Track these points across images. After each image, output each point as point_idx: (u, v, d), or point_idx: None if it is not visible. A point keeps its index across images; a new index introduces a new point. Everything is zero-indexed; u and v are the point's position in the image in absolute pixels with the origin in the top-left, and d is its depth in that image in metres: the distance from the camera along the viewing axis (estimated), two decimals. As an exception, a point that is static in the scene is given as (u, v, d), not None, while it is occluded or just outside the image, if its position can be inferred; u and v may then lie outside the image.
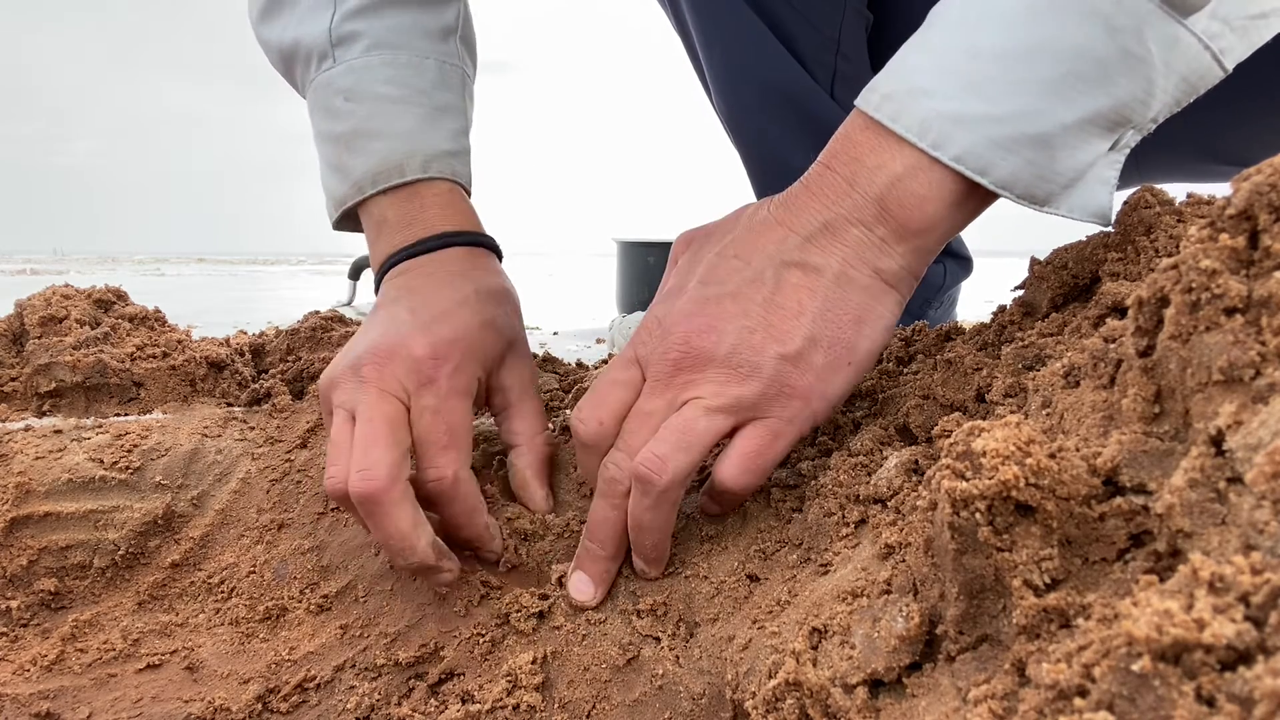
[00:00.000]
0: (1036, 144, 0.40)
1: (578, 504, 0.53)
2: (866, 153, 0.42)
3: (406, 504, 0.45)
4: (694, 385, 0.42)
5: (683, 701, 0.41)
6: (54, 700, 0.47)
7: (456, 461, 0.48)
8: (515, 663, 0.44)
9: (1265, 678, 0.16)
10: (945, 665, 0.28)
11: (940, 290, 1.08)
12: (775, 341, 0.42)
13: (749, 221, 0.45)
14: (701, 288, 0.44)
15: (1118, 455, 0.25)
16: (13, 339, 0.64)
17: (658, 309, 0.45)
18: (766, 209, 0.45)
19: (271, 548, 0.54)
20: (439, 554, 0.46)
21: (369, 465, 0.44)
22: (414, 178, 0.57)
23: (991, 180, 0.41)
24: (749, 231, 0.44)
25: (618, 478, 0.44)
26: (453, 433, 0.48)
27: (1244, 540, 0.20)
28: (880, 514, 0.38)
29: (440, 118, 0.60)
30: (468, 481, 0.48)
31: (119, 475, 0.55)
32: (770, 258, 0.43)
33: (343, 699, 0.46)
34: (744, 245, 0.44)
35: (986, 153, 0.40)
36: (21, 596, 0.52)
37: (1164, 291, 0.26)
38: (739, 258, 0.44)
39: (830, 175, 0.43)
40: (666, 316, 0.44)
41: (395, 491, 0.44)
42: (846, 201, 0.42)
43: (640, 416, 0.43)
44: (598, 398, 0.45)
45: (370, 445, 0.45)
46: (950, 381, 0.45)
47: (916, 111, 0.41)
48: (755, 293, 0.42)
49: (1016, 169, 0.40)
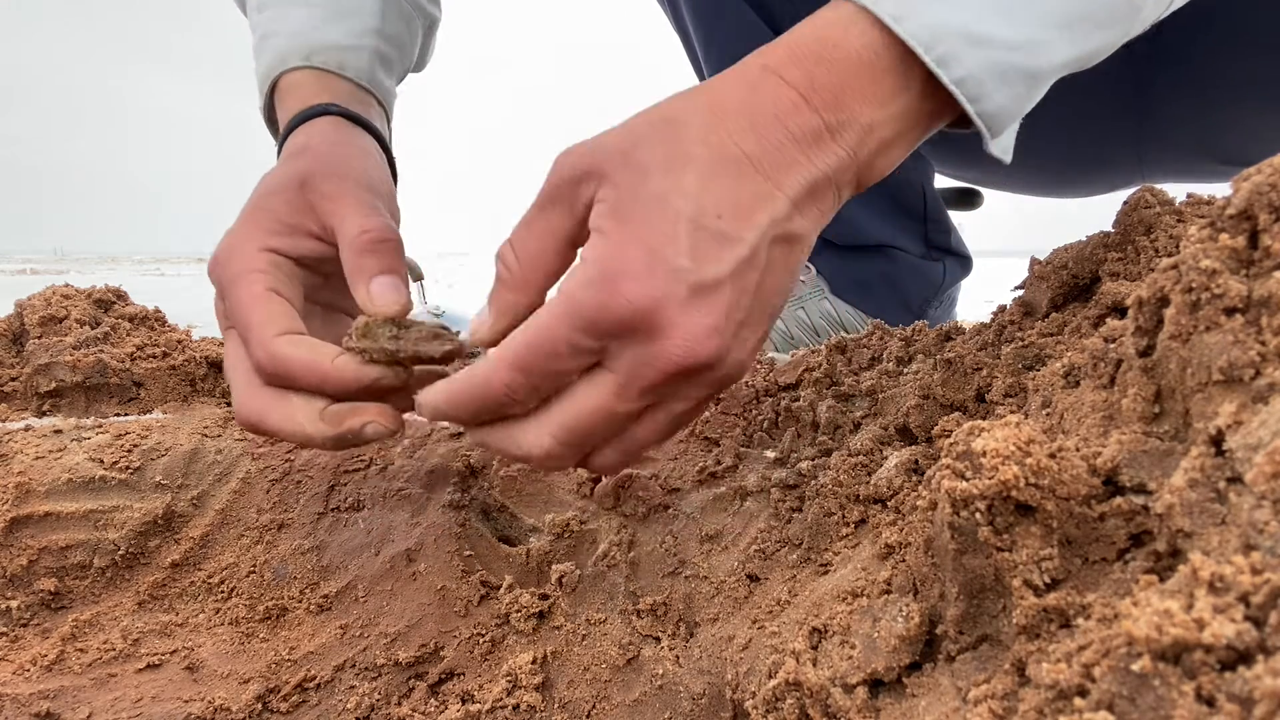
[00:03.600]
0: (1029, 79, 0.38)
1: (577, 504, 0.53)
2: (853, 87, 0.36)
3: (271, 415, 0.43)
4: (678, 395, 0.38)
5: (683, 701, 0.41)
6: (54, 700, 0.47)
7: (264, 344, 0.43)
8: (515, 663, 0.44)
9: (1265, 678, 0.16)
10: (945, 665, 0.28)
11: (940, 290, 1.08)
12: (755, 332, 0.38)
13: (718, 156, 0.36)
14: (696, 266, 0.35)
15: (1118, 455, 0.25)
16: (13, 339, 0.64)
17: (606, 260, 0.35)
18: (733, 139, 0.36)
19: (271, 548, 0.54)
20: (335, 422, 0.42)
21: (235, 401, 0.44)
22: (295, 66, 0.58)
23: (976, 110, 0.37)
24: (730, 179, 0.36)
25: (532, 452, 0.38)
26: (246, 325, 0.44)
27: (1244, 540, 0.20)
28: (880, 514, 0.38)
29: (341, 18, 0.60)
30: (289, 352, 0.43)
31: (119, 475, 0.55)
32: (762, 232, 0.36)
33: (343, 699, 0.46)
34: (730, 206, 0.36)
35: (988, 80, 0.37)
36: (21, 596, 0.52)
37: (1164, 291, 0.26)
38: (728, 228, 0.36)
39: (811, 116, 0.36)
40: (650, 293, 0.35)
41: (250, 416, 0.43)
42: (831, 159, 0.37)
43: (605, 418, 0.37)
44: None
45: (229, 377, 0.46)
46: (950, 381, 0.45)
47: (928, 15, 0.36)
48: (749, 278, 0.37)
49: (1003, 103, 0.38)
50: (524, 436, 0.38)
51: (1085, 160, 0.96)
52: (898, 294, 1.04)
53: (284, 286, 0.47)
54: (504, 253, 0.40)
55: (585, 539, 0.50)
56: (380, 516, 0.55)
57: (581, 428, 0.37)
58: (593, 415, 0.37)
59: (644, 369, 0.36)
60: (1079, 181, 1.02)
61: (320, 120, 0.56)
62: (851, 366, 0.55)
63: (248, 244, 0.47)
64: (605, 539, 0.49)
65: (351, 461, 0.58)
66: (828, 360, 0.55)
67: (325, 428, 0.42)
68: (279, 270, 0.47)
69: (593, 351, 0.36)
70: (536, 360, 0.36)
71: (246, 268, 0.46)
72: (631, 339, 0.35)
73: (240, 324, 0.44)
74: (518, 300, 0.39)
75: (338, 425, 0.42)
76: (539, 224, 0.39)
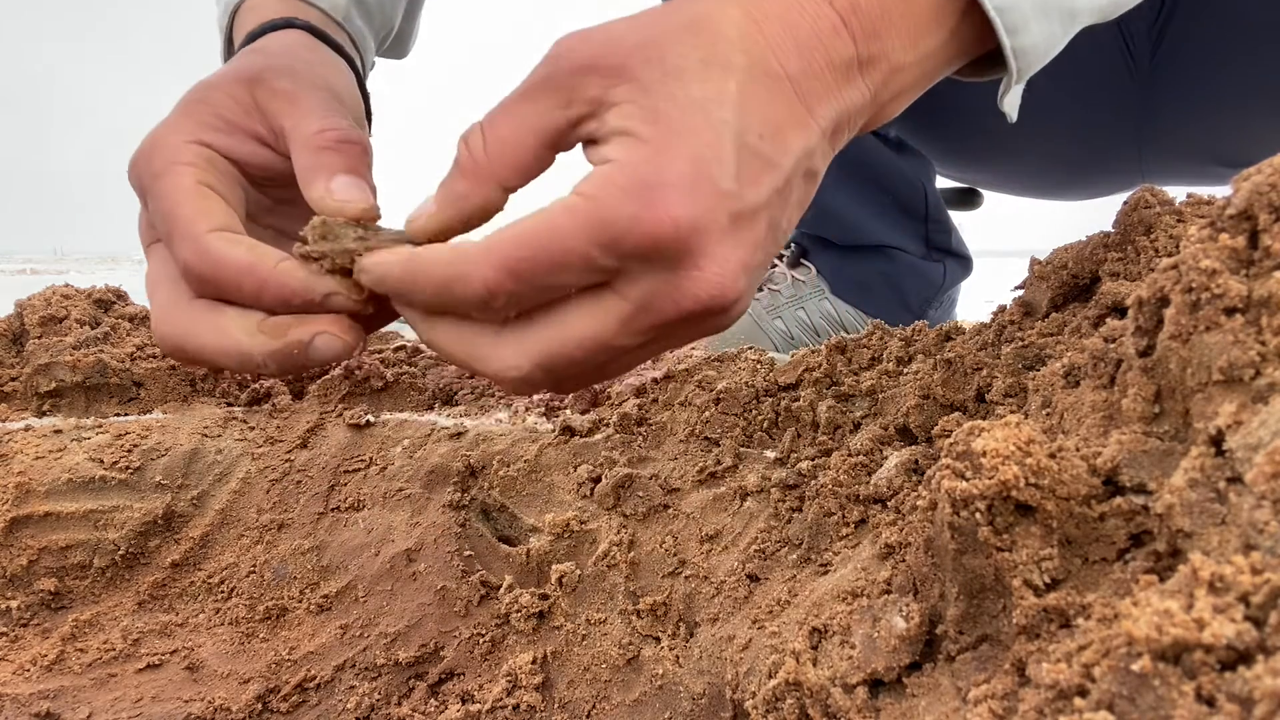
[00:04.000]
0: (1066, 17, 0.36)
1: (577, 504, 0.53)
2: (891, 19, 0.33)
3: (198, 331, 0.36)
4: (678, 333, 0.33)
5: (683, 701, 0.41)
6: (54, 700, 0.47)
7: (194, 240, 0.36)
8: (515, 663, 0.44)
9: (1265, 678, 0.16)
10: (945, 665, 0.28)
11: (940, 290, 1.08)
12: (761, 274, 0.34)
13: (760, 68, 0.32)
14: (740, 190, 0.31)
15: (1118, 455, 0.25)
16: (13, 339, 0.64)
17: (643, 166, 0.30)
18: (774, 53, 0.32)
19: (271, 548, 0.54)
20: (277, 333, 0.35)
21: (155, 320, 0.38)
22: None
23: (1013, 44, 0.35)
24: (771, 96, 0.32)
25: (503, 373, 0.32)
26: (171, 220, 0.37)
27: (1244, 540, 0.20)
28: (880, 514, 0.38)
29: None
30: (224, 251, 0.36)
31: (119, 475, 0.55)
32: (798, 161, 0.33)
33: (343, 699, 0.46)
34: (772, 127, 0.32)
35: (1030, 11, 0.35)
36: (21, 596, 0.52)
37: (1164, 291, 0.26)
38: (769, 151, 0.32)
39: (849, 43, 0.33)
40: (693, 213, 0.30)
41: (173, 335, 0.37)
42: (856, 95, 0.34)
43: (600, 349, 0.32)
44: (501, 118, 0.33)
45: (149, 296, 0.39)
46: (950, 381, 0.45)
47: None
48: (780, 209, 0.33)
49: (1037, 40, 0.36)
50: (495, 352, 0.32)
51: (1085, 162, 0.96)
52: (898, 294, 1.04)
53: (220, 185, 0.39)
54: (470, 135, 0.33)
55: (585, 539, 0.50)
56: (380, 516, 0.55)
57: (570, 356, 0.32)
58: (587, 345, 0.32)
59: (663, 302, 0.31)
60: (1079, 183, 1.02)
61: (284, 31, 0.48)
62: (851, 366, 0.55)
63: (175, 136, 0.39)
64: (605, 539, 0.49)
65: (351, 461, 0.58)
66: (828, 360, 0.55)
67: (266, 340, 0.35)
68: (214, 167, 0.39)
69: (605, 271, 0.30)
70: (536, 268, 0.30)
71: (173, 160, 0.38)
72: (657, 264, 0.30)
73: (165, 222, 0.37)
74: (471, 192, 0.32)
75: (279, 336, 0.35)
76: (521, 112, 0.32)
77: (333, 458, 0.58)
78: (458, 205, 0.32)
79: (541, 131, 0.32)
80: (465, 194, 0.32)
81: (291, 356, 0.35)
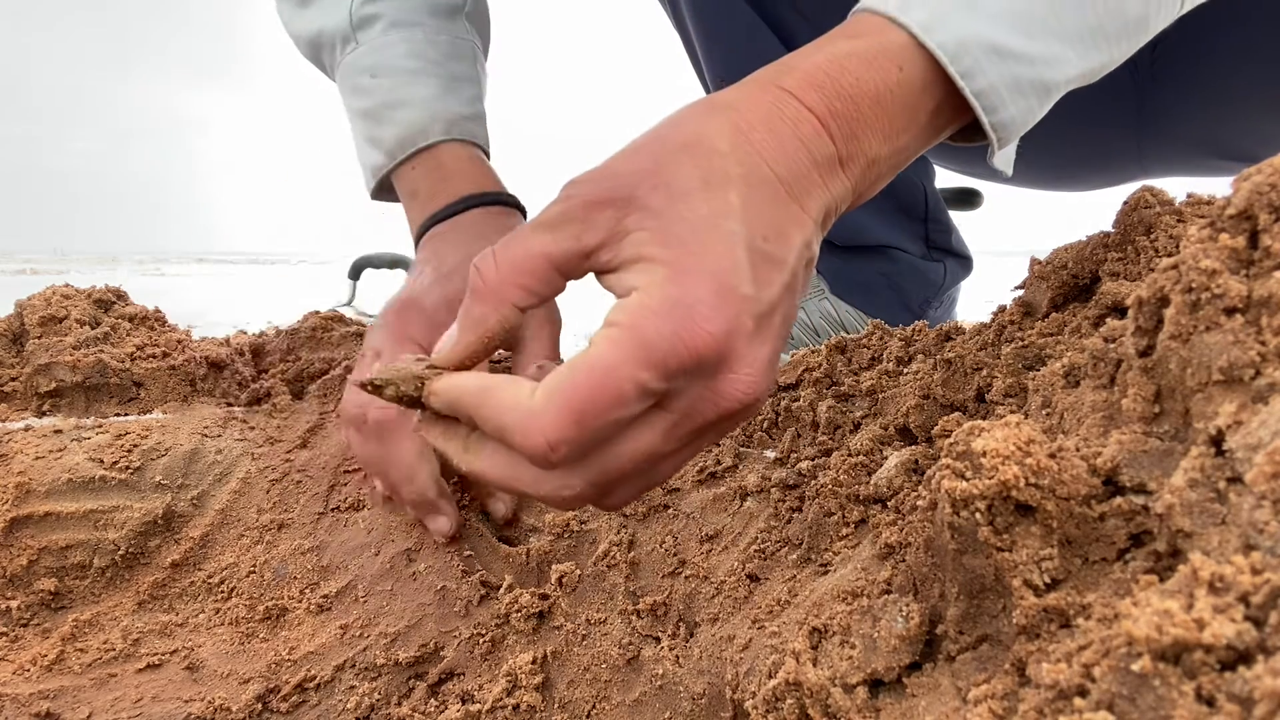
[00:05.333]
0: (1042, 92, 0.38)
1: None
2: (867, 121, 0.36)
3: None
4: (716, 430, 0.34)
5: (683, 701, 0.41)
6: (54, 700, 0.47)
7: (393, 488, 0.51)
8: (515, 663, 0.44)
9: (1265, 678, 0.16)
10: (945, 665, 0.28)
11: (940, 290, 1.08)
12: (779, 360, 0.38)
13: (755, 176, 0.34)
14: (758, 293, 0.33)
15: (1118, 455, 0.25)
16: (13, 339, 0.64)
17: (670, 289, 0.31)
18: (764, 160, 0.34)
19: (271, 548, 0.54)
20: (439, 491, 0.50)
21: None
22: (437, 140, 0.64)
23: (991, 120, 0.38)
24: (768, 200, 0.34)
25: (558, 495, 0.33)
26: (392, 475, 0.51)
27: (1244, 540, 0.20)
28: (880, 514, 0.38)
29: (457, 86, 0.66)
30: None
31: (119, 475, 0.55)
32: (799, 256, 0.35)
33: (343, 699, 0.46)
34: (773, 229, 0.34)
35: (1005, 92, 0.37)
36: (21, 596, 0.52)
37: (1164, 291, 0.26)
38: (774, 251, 0.34)
39: (829, 144, 0.35)
40: (725, 325, 0.31)
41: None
42: (839, 187, 0.36)
43: (647, 460, 0.33)
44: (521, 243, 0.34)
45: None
46: (950, 381, 0.45)
47: (955, 26, 0.36)
48: (790, 301, 0.35)
49: (1015, 115, 0.38)
50: (547, 477, 0.33)
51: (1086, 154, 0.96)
52: (898, 294, 1.04)
53: None
54: (482, 259, 0.34)
55: (585, 539, 0.50)
56: (380, 516, 0.55)
57: (622, 471, 0.33)
58: (638, 459, 0.33)
59: (704, 406, 0.32)
60: (1079, 175, 1.02)
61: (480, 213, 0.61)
62: (851, 366, 0.55)
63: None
64: (605, 539, 0.49)
65: (351, 461, 0.58)
66: (827, 360, 0.55)
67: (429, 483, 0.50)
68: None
69: (656, 395, 0.31)
70: (599, 410, 0.30)
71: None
72: (698, 376, 0.32)
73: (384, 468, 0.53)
74: (487, 314, 0.34)
75: (437, 494, 0.50)
76: (534, 239, 0.34)
77: (333, 458, 0.58)
78: (478, 329, 0.34)
79: (553, 256, 0.34)
80: (483, 316, 0.34)
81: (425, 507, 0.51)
